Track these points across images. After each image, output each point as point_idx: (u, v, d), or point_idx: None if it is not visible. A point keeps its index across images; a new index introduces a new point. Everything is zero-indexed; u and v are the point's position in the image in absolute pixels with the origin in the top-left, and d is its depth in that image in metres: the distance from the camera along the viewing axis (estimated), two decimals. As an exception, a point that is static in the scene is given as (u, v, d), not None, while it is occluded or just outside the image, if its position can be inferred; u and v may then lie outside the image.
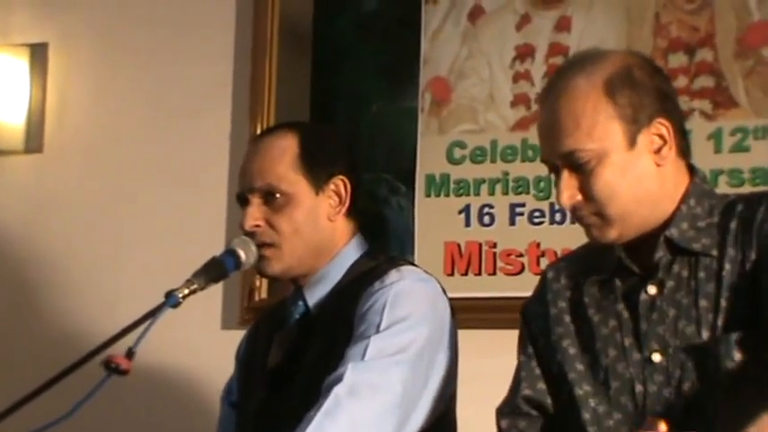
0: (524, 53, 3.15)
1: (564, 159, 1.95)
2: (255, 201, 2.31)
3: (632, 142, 1.95)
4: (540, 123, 2.02)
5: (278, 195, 2.30)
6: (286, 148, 2.33)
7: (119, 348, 2.04)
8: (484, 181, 3.15)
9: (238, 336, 2.59)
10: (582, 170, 1.95)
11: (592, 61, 2.01)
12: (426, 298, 2.27)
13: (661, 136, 1.98)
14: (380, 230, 3.17)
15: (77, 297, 3.51)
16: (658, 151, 1.98)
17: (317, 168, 2.33)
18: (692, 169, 2.05)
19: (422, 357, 2.20)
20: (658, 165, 1.98)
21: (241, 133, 3.38)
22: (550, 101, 2.00)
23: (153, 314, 2.10)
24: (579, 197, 1.96)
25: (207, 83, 3.47)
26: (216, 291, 3.17)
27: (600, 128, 1.94)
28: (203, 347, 3.31)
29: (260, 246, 2.30)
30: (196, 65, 3.48)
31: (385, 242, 3.17)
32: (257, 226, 2.30)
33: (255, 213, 2.30)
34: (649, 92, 1.98)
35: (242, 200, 2.34)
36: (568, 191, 1.95)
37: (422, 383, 2.21)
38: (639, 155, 1.96)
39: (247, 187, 2.33)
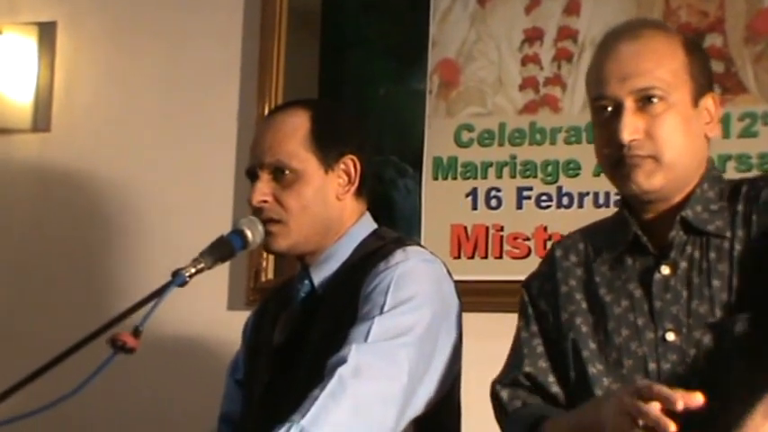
0: (533, 36, 3.14)
1: (636, 94, 1.99)
2: (265, 176, 2.31)
3: (695, 102, 2.02)
4: (607, 62, 2.03)
5: (287, 172, 2.30)
6: (298, 125, 2.33)
7: (125, 327, 2.04)
8: (491, 164, 3.15)
9: (244, 316, 2.59)
10: (650, 111, 1.98)
11: (662, 24, 2.11)
12: (431, 279, 2.27)
13: (709, 111, 2.04)
14: (387, 213, 3.15)
15: (83, 276, 3.51)
16: (707, 123, 2.04)
17: (327, 147, 2.32)
18: None
19: (425, 339, 2.20)
20: (705, 135, 2.05)
21: (249, 114, 3.38)
22: (625, 42, 2.02)
23: (160, 293, 2.10)
24: (640, 135, 1.98)
25: (215, 63, 3.46)
26: (222, 271, 3.17)
27: (677, 75, 2.00)
28: (209, 328, 3.31)
29: (267, 222, 2.30)
30: (204, 45, 3.47)
31: (392, 224, 3.14)
32: (265, 201, 2.30)
33: (264, 189, 2.30)
34: (708, 68, 2.08)
35: (251, 174, 2.34)
36: (632, 125, 1.98)
37: (426, 365, 2.21)
38: (698, 116, 2.03)
39: (257, 162, 2.33)
